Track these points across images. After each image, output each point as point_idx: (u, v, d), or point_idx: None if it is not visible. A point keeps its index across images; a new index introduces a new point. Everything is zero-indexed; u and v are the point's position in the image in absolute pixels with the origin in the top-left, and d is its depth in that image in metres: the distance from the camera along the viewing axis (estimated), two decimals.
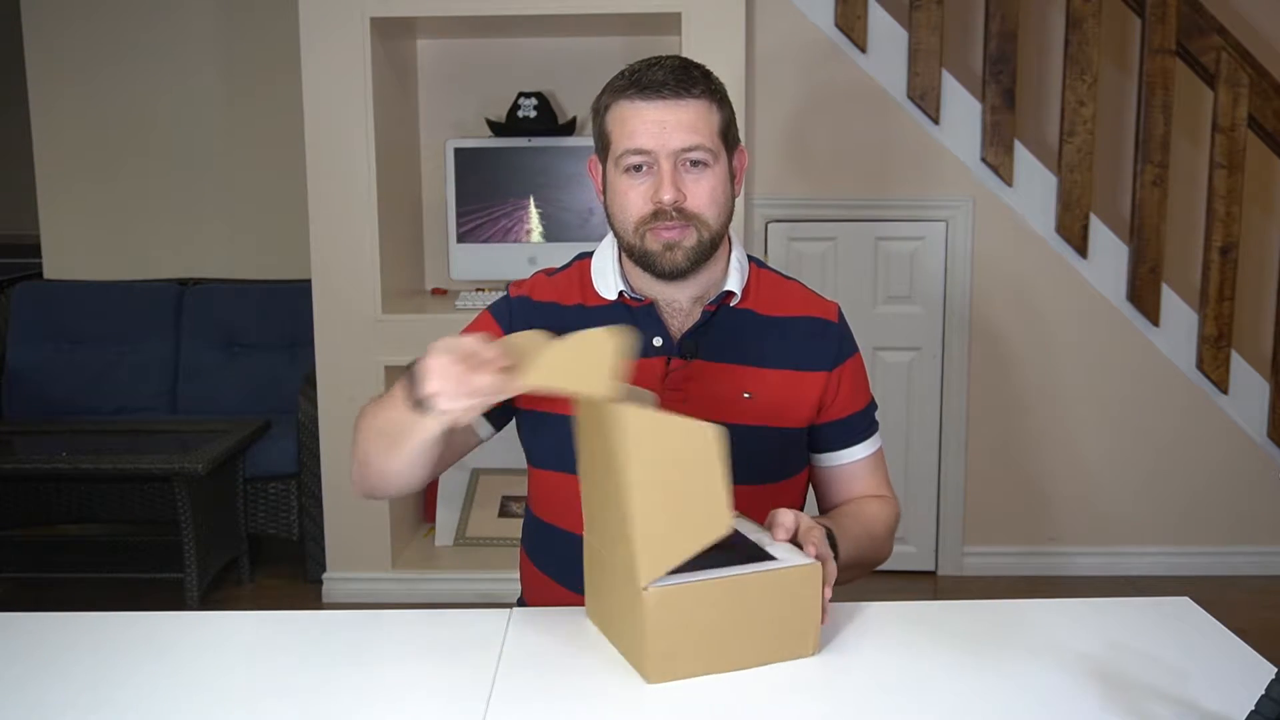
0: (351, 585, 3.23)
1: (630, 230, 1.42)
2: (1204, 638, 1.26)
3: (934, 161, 3.26)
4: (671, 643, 1.13)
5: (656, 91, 1.38)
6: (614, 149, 1.42)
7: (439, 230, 3.45)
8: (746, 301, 1.49)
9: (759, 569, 1.14)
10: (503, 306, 1.53)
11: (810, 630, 1.17)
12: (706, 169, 1.40)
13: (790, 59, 3.24)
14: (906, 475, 3.36)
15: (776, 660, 1.16)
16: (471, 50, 3.41)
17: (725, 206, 1.44)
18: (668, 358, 1.45)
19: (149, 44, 3.86)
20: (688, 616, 1.13)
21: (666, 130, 1.38)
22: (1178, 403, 3.33)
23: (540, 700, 1.12)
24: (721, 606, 1.13)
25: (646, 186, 1.40)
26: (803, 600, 1.16)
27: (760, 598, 1.14)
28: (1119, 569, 3.38)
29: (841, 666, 1.19)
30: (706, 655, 1.14)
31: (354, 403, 3.09)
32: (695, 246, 1.41)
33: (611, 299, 1.48)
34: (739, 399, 1.45)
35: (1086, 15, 3.16)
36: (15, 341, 3.76)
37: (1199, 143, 3.41)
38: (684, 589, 1.12)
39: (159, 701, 1.12)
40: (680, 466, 1.12)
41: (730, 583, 1.13)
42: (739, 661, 1.15)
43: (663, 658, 1.13)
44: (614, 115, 1.42)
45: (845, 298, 3.30)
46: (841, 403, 1.51)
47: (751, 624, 1.15)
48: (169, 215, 3.94)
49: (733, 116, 1.46)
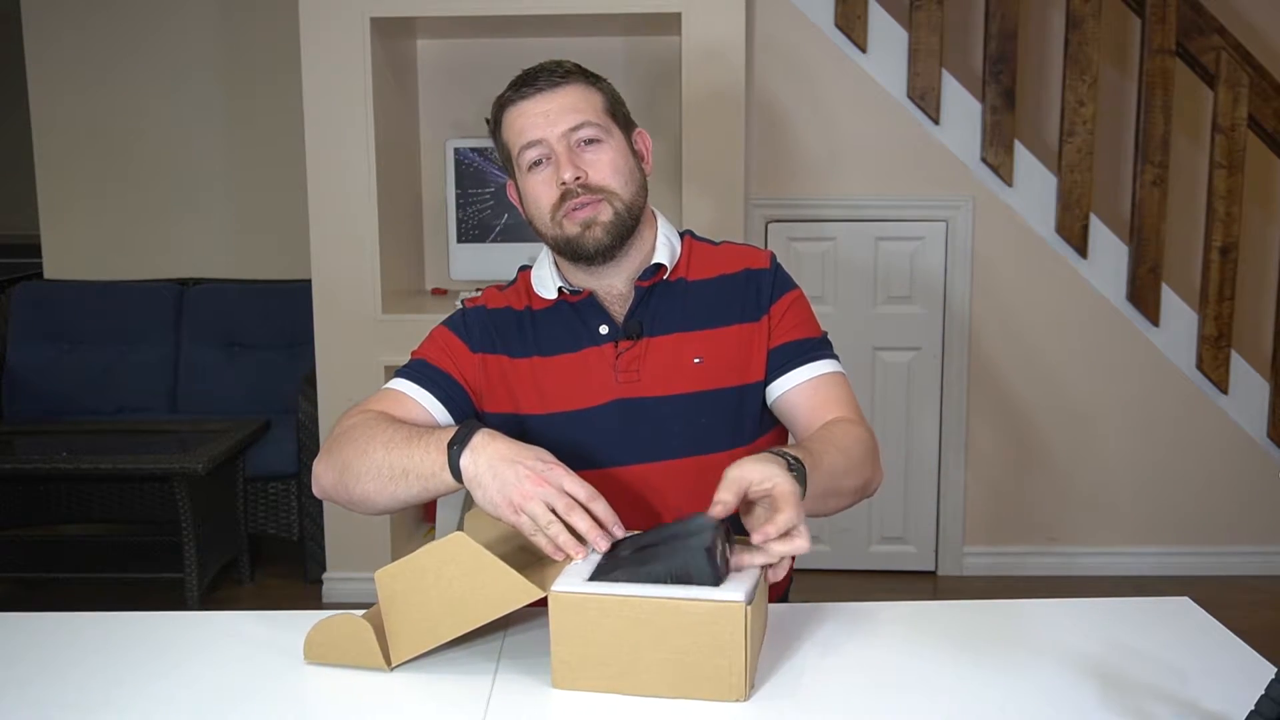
0: (351, 585, 3.23)
1: (548, 222, 1.45)
2: (1204, 638, 1.26)
3: (934, 161, 3.26)
4: (572, 650, 1.11)
5: (532, 85, 1.44)
6: (514, 154, 1.47)
7: (439, 230, 3.45)
8: (679, 272, 1.51)
9: (666, 594, 1.08)
10: (458, 319, 1.54)
11: (733, 673, 1.07)
12: (601, 145, 1.44)
13: (790, 59, 3.24)
14: (906, 475, 3.36)
15: (697, 697, 1.08)
16: (471, 50, 3.41)
17: (631, 177, 1.46)
18: (615, 342, 1.47)
19: (149, 44, 3.86)
20: (590, 627, 1.09)
21: (550, 117, 1.43)
22: (1178, 403, 3.33)
23: (540, 700, 1.12)
24: (626, 624, 1.08)
25: (549, 174, 1.44)
26: (720, 639, 1.07)
27: (668, 626, 1.07)
28: (1119, 569, 3.38)
29: (841, 666, 1.18)
30: (612, 672, 1.10)
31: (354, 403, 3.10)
32: (612, 219, 1.43)
33: (552, 298, 1.50)
34: (690, 366, 1.46)
35: (1086, 15, 3.16)
36: (15, 341, 3.76)
37: (1199, 143, 3.41)
38: (585, 598, 1.09)
39: (159, 701, 1.12)
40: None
41: (635, 603, 1.08)
42: (650, 688, 1.09)
43: (563, 664, 1.11)
44: (505, 124, 1.47)
45: (845, 298, 3.31)
46: (780, 332, 1.49)
47: (660, 651, 1.08)
48: (169, 215, 3.94)
49: (618, 99, 1.50)
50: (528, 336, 1.50)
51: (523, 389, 1.48)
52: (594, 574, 1.13)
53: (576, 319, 1.49)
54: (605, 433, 1.45)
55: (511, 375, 1.49)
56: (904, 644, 1.23)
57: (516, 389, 1.48)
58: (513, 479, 1.19)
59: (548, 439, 1.43)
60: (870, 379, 3.32)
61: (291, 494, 3.37)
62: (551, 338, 1.49)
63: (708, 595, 1.07)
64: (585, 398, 1.46)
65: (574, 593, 1.10)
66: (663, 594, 1.08)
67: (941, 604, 1.37)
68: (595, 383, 1.46)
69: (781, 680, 1.15)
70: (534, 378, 1.48)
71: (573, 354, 1.48)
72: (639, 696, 1.10)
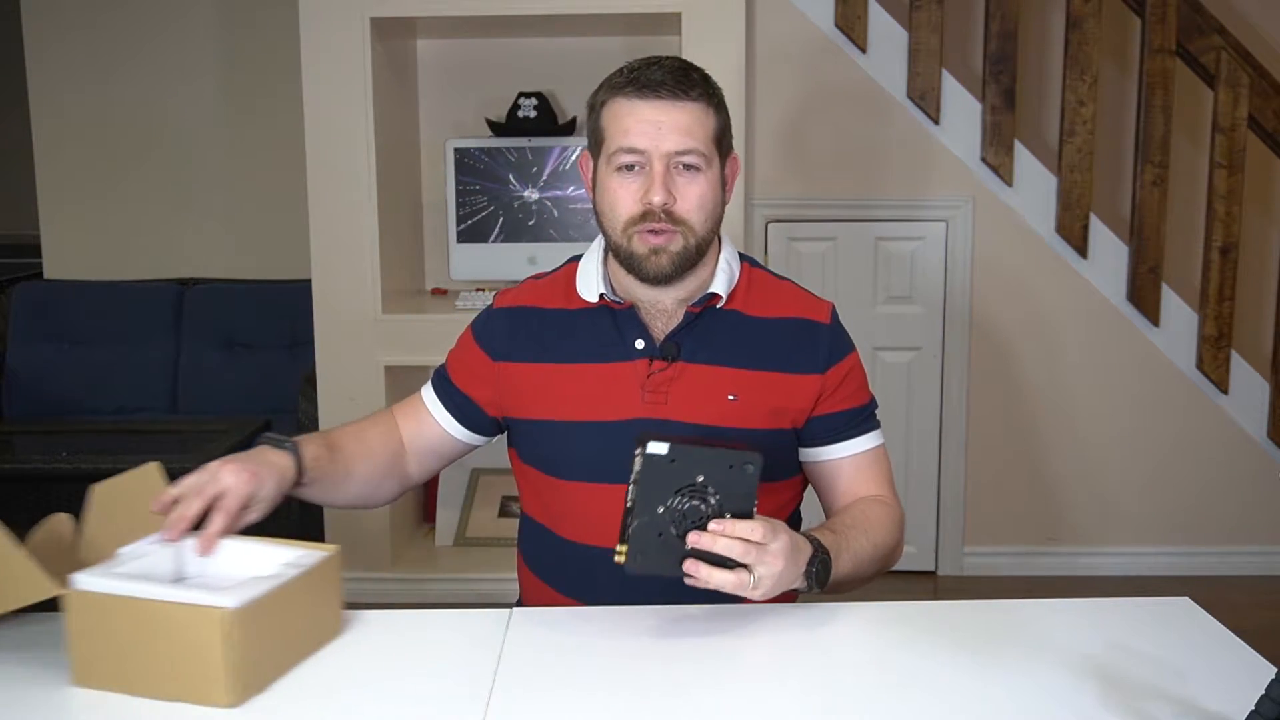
0: (351, 585, 3.19)
1: (618, 230, 1.41)
2: (1204, 638, 1.26)
3: (934, 161, 3.26)
4: (90, 649, 1.11)
5: (654, 91, 1.37)
6: (607, 146, 1.41)
7: (439, 230, 3.45)
8: (734, 303, 1.48)
9: (162, 596, 1.09)
10: (483, 323, 1.55)
11: (216, 676, 1.07)
12: (699, 174, 1.39)
13: (790, 59, 3.24)
14: (906, 475, 3.36)
15: (186, 700, 1.08)
16: (471, 50, 3.41)
17: (714, 213, 1.42)
18: (650, 359, 1.44)
19: (148, 43, 3.85)
20: (103, 626, 1.10)
21: (661, 131, 1.37)
22: (1178, 403, 3.33)
23: (540, 700, 1.12)
24: (132, 625, 1.09)
25: (637, 186, 1.39)
26: (200, 642, 1.07)
27: (162, 628, 1.08)
28: (1119, 569, 3.38)
29: (842, 666, 1.19)
30: (125, 672, 1.10)
31: (354, 402, 3.11)
32: (680, 253, 1.39)
33: (593, 301, 1.47)
34: (723, 401, 1.43)
35: (1086, 15, 3.16)
36: (15, 341, 3.75)
37: (1199, 143, 3.41)
38: (95, 597, 1.10)
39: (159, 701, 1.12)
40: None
41: (136, 604, 1.09)
42: (152, 690, 1.09)
43: (81, 661, 1.12)
44: (609, 112, 1.41)
45: (845, 298, 3.30)
46: (834, 400, 1.48)
47: (159, 652, 1.09)
48: (169, 215, 3.94)
49: (728, 123, 1.44)
50: (554, 339, 1.48)
51: (541, 392, 1.47)
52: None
53: (614, 328, 1.45)
54: (624, 450, 1.44)
55: (533, 379, 1.47)
56: (904, 644, 1.23)
57: (536, 392, 1.47)
58: None
59: (567, 445, 1.43)
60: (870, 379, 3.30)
61: None
62: (584, 343, 1.46)
63: (195, 599, 1.08)
64: (609, 410, 1.44)
65: (87, 591, 1.10)
66: (158, 595, 1.09)
67: (941, 604, 1.38)
68: (621, 397, 1.44)
69: (781, 680, 1.15)
70: (551, 381, 1.46)
71: (603, 364, 1.45)
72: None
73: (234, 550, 1.24)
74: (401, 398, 1.62)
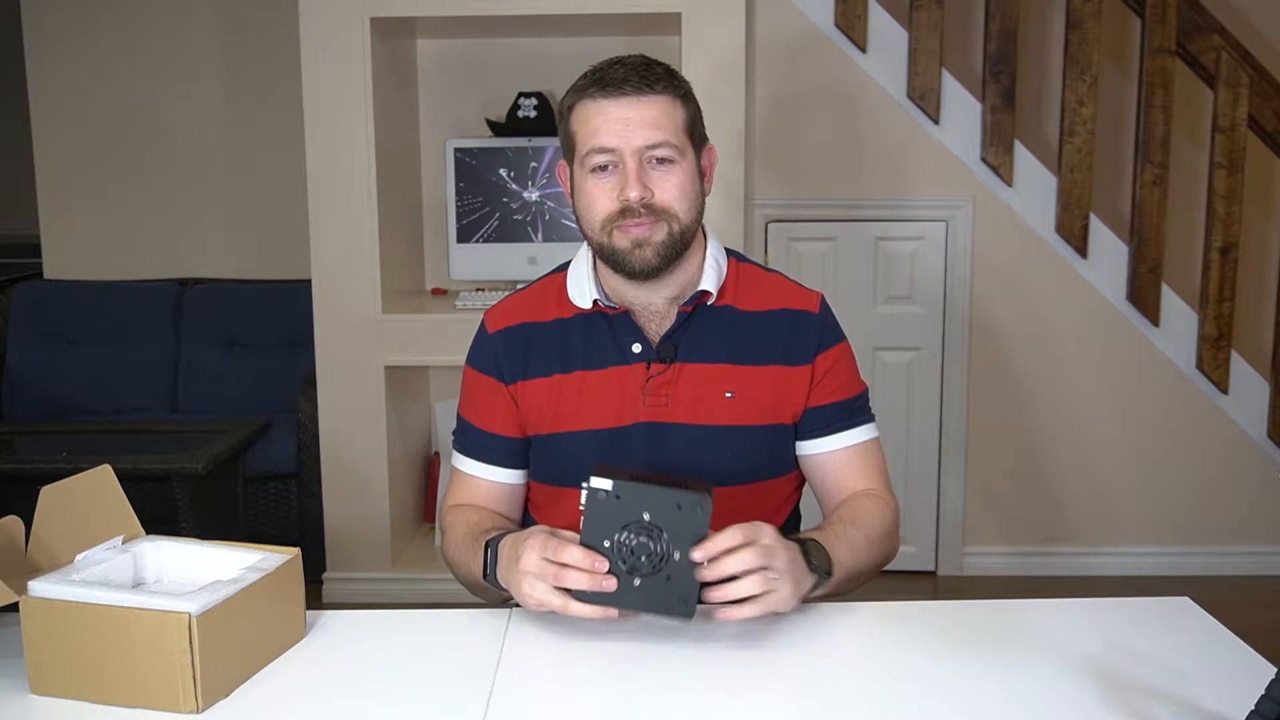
0: (351, 585, 3.23)
1: (598, 229, 1.41)
2: (1204, 638, 1.26)
3: (934, 161, 3.26)
4: (46, 655, 1.10)
5: (618, 89, 1.37)
6: (579, 149, 1.40)
7: (439, 230, 3.45)
8: (725, 298, 1.47)
9: (122, 602, 1.08)
10: (484, 353, 1.51)
11: (180, 682, 1.07)
12: (673, 165, 1.39)
13: (790, 59, 3.24)
14: (906, 475, 3.36)
15: (152, 707, 1.08)
16: (471, 50, 3.41)
17: (695, 202, 1.42)
18: (647, 363, 1.44)
19: (148, 43, 3.85)
20: (60, 634, 1.09)
21: (630, 127, 1.36)
22: (1178, 403, 3.33)
23: (540, 700, 1.12)
24: (90, 633, 1.08)
25: (612, 185, 1.38)
26: (163, 648, 1.06)
27: (123, 635, 1.07)
28: (1119, 569, 3.38)
29: (842, 666, 1.18)
30: (83, 680, 1.09)
31: (354, 402, 3.12)
32: (665, 241, 1.39)
33: (586, 308, 1.46)
34: (721, 399, 1.43)
35: (1086, 15, 3.16)
36: (15, 341, 3.75)
37: (1199, 143, 3.41)
38: (53, 604, 1.09)
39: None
40: None
41: (96, 610, 1.08)
42: (114, 697, 1.08)
43: (37, 669, 1.11)
44: (578, 115, 1.40)
45: (845, 298, 3.31)
46: (823, 391, 1.47)
47: (120, 660, 1.08)
48: (169, 215, 3.94)
49: (698, 114, 1.44)
50: (555, 351, 1.47)
51: (547, 406, 1.46)
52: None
53: (609, 334, 1.45)
54: (630, 455, 1.43)
55: (544, 394, 1.47)
56: (904, 644, 1.23)
57: (546, 406, 1.47)
58: (515, 586, 1.25)
59: (575, 455, 1.43)
60: (870, 379, 3.29)
61: (291, 494, 3.37)
62: (581, 351, 1.46)
63: (157, 605, 1.07)
64: (612, 417, 1.44)
65: (43, 598, 1.10)
66: (119, 601, 1.08)
67: (941, 604, 1.37)
68: (623, 403, 1.44)
69: (781, 680, 1.15)
70: (560, 393, 1.46)
71: (602, 370, 1.45)
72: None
73: (193, 554, 1.23)
74: (401, 397, 1.62)
